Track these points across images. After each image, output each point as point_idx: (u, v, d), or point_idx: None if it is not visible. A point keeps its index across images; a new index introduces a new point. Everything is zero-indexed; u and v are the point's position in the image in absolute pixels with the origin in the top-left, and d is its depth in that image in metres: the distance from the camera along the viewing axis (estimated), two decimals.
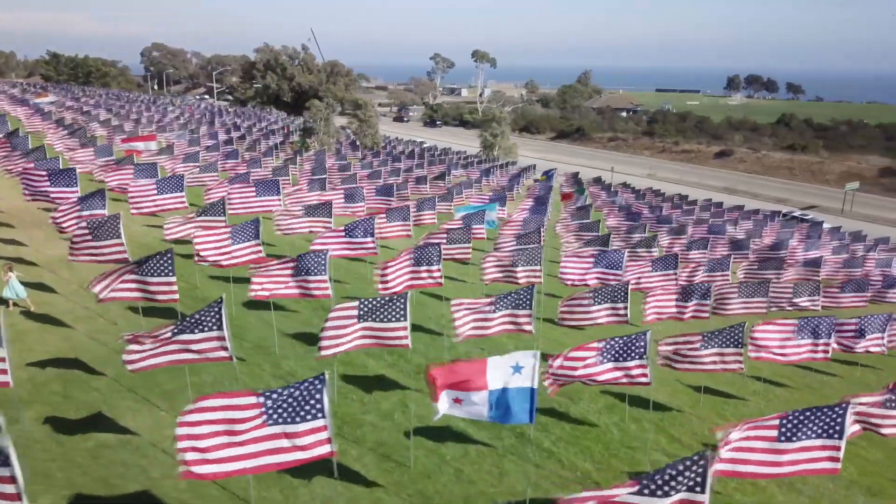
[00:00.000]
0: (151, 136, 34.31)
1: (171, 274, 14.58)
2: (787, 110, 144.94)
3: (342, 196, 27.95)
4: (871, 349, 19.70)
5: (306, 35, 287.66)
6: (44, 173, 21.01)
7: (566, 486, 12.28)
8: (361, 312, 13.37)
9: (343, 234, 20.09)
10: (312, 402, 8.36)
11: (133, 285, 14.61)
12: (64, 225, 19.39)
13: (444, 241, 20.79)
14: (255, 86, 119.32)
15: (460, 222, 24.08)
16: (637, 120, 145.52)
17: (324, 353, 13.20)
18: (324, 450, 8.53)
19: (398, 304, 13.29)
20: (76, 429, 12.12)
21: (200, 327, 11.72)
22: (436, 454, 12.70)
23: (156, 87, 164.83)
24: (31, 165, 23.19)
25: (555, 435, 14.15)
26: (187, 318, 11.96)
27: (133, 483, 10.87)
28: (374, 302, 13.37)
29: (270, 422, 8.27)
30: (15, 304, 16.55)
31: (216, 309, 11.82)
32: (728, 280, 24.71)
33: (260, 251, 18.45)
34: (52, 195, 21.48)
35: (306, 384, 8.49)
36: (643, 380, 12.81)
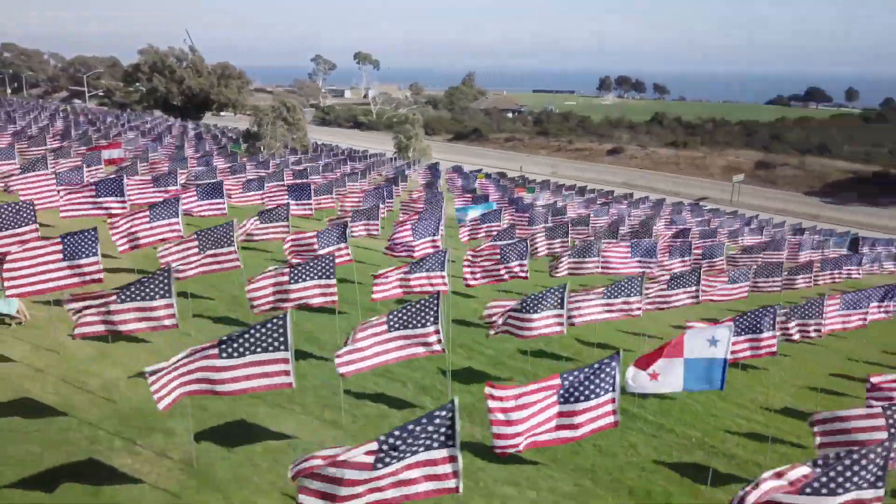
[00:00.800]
0: (117, 144, 32.46)
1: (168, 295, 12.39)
2: (656, 109, 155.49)
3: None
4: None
5: (177, 37, 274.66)
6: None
7: (692, 451, 13.61)
8: (391, 323, 12.51)
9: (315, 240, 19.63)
10: (609, 379, 9.10)
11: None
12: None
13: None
14: (139, 89, 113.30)
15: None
16: (524, 120, 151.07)
17: (344, 369, 12.26)
18: (608, 420, 9.28)
19: (430, 306, 12.49)
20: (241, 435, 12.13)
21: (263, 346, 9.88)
22: None
23: (9, 90, 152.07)
24: None
25: (650, 410, 15.42)
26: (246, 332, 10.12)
27: None
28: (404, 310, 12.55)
29: (562, 400, 8.92)
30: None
31: (281, 324, 9.98)
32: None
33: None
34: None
35: (602, 364, 9.21)
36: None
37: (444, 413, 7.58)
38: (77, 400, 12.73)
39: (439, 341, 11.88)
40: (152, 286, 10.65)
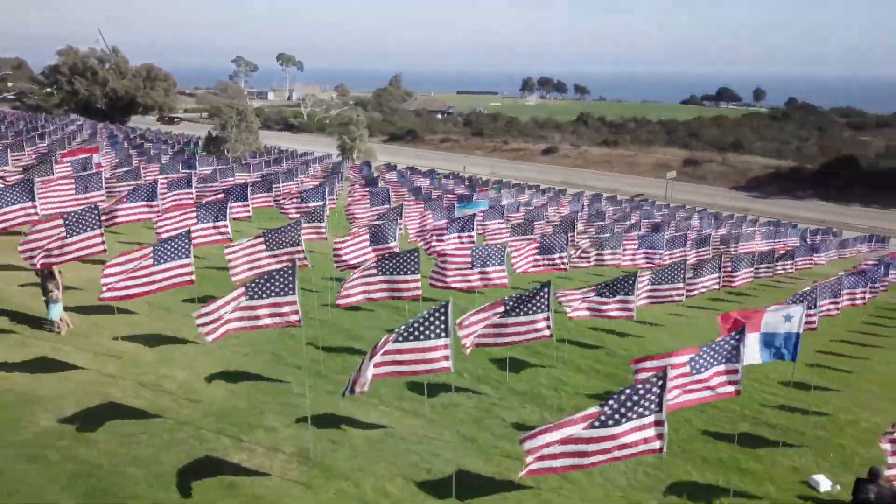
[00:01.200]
0: (95, 149, 31.23)
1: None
2: (578, 109, 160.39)
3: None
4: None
5: (84, 39, 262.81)
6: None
7: (738, 422, 14.83)
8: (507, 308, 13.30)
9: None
10: (733, 352, 10.03)
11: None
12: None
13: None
14: (57, 91, 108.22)
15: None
16: (454, 121, 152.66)
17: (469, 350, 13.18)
18: (730, 389, 10.26)
19: (541, 294, 13.20)
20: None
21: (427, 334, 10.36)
22: None
23: None
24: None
25: None
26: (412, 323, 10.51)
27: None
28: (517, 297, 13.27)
29: (695, 371, 9.84)
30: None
31: (442, 312, 10.42)
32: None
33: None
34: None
35: (722, 342, 10.13)
36: None
37: (654, 380, 8.53)
38: (162, 402, 12.77)
39: (548, 327, 12.55)
40: (280, 283, 10.92)
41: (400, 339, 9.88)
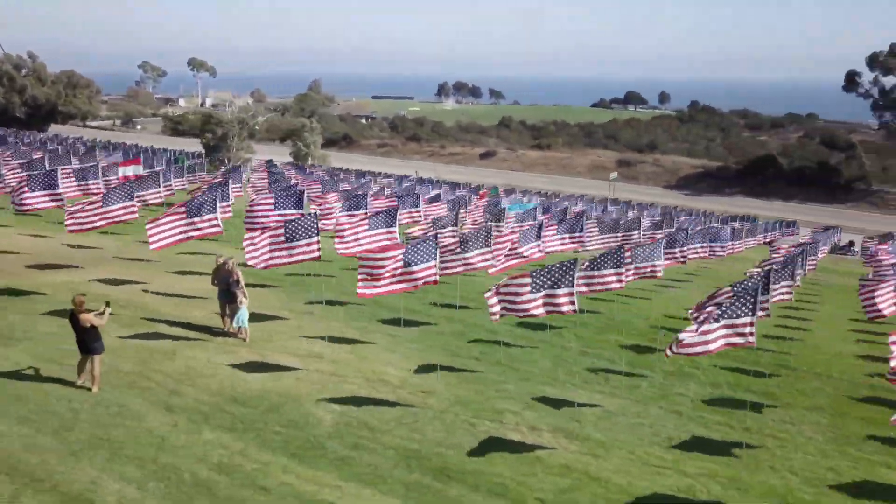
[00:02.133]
0: (136, 160, 30.45)
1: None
2: (495, 113, 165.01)
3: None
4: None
5: None
6: None
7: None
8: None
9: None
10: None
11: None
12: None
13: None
14: None
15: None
16: (380, 126, 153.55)
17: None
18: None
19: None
20: None
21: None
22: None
23: None
24: None
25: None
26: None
27: None
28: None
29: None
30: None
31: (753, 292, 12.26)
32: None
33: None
34: None
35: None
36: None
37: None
38: (404, 394, 13.78)
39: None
40: (558, 275, 12.31)
41: (711, 320, 11.55)
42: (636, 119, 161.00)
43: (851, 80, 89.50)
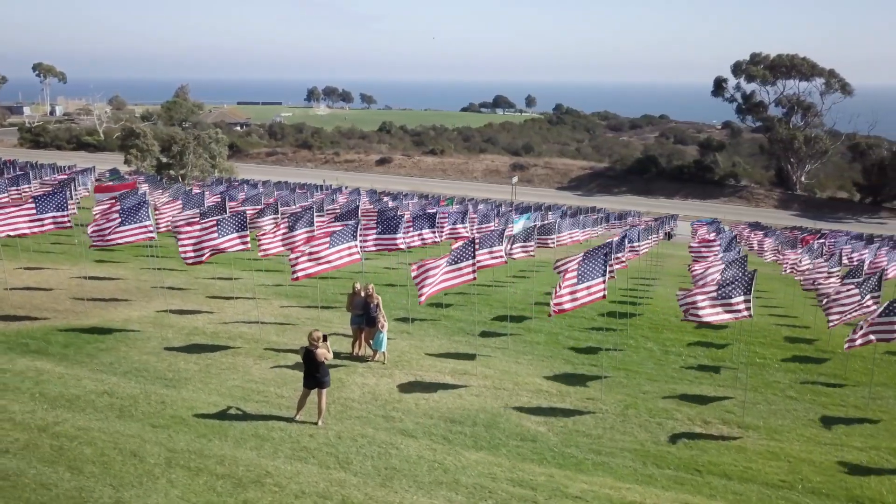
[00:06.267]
0: (132, 184, 28.38)
1: None
2: (369, 118, 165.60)
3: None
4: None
5: None
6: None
7: None
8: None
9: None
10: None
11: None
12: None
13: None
14: None
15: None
16: (258, 133, 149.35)
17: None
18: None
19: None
20: None
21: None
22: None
23: None
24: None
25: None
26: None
27: None
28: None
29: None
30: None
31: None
32: None
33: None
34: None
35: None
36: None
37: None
38: (574, 402, 15.04)
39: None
40: (737, 285, 14.06)
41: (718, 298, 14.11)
42: (510, 122, 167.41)
43: (719, 86, 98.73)
